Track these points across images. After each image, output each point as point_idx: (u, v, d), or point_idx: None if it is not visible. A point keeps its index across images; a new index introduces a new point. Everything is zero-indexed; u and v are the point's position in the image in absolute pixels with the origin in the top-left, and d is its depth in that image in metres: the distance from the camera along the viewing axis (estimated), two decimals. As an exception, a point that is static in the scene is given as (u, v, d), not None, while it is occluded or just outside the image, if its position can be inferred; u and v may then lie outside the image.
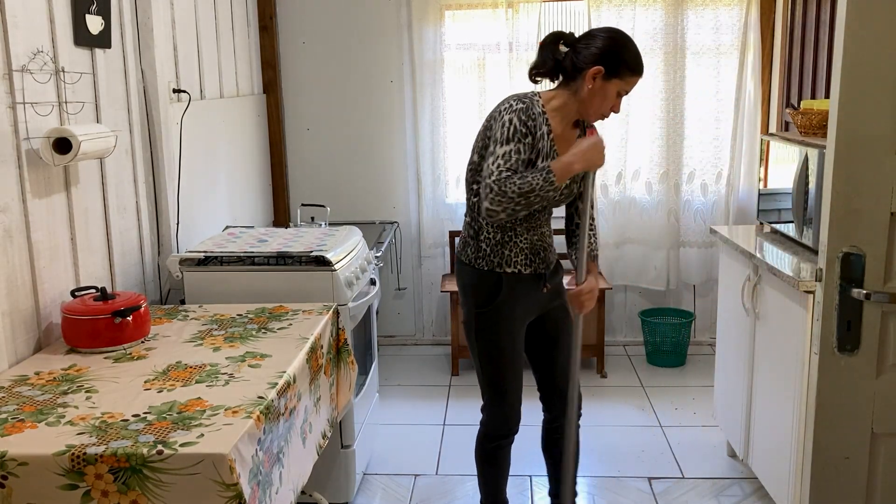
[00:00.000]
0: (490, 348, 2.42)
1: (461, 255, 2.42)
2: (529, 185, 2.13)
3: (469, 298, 2.41)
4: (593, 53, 2.22)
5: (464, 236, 2.42)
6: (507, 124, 2.19)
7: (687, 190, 4.39)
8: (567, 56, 2.28)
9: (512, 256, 2.34)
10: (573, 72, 2.27)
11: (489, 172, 2.16)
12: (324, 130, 4.52)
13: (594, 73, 2.22)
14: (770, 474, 2.76)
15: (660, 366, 4.32)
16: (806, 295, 2.38)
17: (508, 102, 2.26)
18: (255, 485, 1.70)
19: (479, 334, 2.41)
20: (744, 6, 4.18)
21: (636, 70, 2.25)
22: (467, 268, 2.39)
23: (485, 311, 2.37)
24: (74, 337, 2.19)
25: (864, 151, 1.83)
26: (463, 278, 2.43)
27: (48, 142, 2.19)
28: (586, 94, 2.25)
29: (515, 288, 2.36)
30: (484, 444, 2.56)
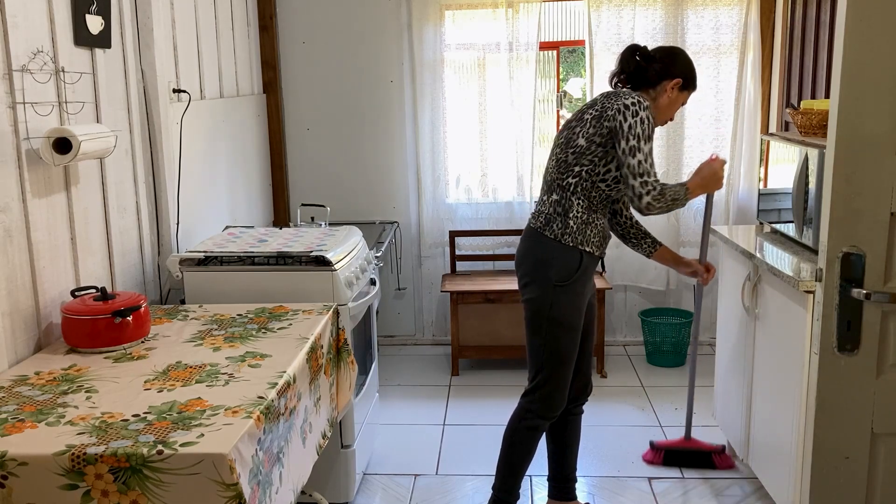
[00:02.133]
0: (562, 323, 2.53)
1: (544, 229, 2.53)
2: (676, 195, 2.45)
3: (550, 272, 2.51)
4: (672, 67, 2.55)
5: (548, 212, 2.53)
6: (645, 121, 2.40)
7: (687, 190, 4.39)
8: (649, 66, 2.56)
9: (591, 237, 2.52)
10: (654, 80, 2.56)
11: (645, 171, 2.39)
12: (324, 130, 4.52)
13: (674, 85, 2.55)
14: (770, 474, 2.76)
15: (660, 366, 4.32)
16: (806, 295, 2.38)
17: (634, 98, 2.43)
18: (255, 485, 1.70)
19: (553, 308, 2.52)
20: (744, 6, 4.18)
21: (696, 85, 2.63)
22: (553, 242, 2.50)
23: (564, 284, 2.50)
24: (74, 337, 2.19)
25: (864, 151, 1.83)
26: (544, 252, 2.52)
27: (48, 142, 2.19)
28: (665, 101, 2.57)
29: (589, 267, 2.55)
30: (521, 425, 2.63)
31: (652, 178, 2.40)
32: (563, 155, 2.52)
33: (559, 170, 2.53)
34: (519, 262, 2.63)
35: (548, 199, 2.55)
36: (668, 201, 2.43)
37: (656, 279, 4.47)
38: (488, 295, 4.18)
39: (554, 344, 2.54)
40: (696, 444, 3.27)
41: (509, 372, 4.26)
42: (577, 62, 7.38)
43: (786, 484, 2.58)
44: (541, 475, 3.19)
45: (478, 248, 4.56)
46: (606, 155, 2.44)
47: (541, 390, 2.58)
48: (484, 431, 3.60)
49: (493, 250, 4.56)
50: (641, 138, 2.39)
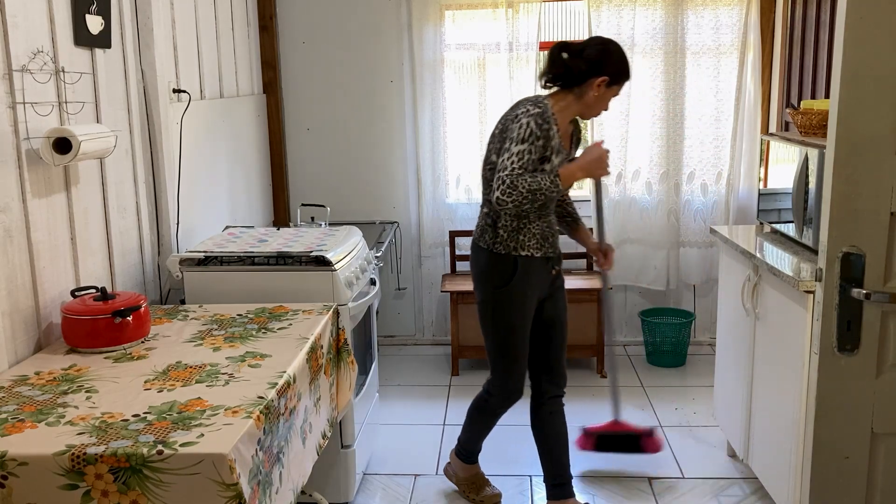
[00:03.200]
0: (505, 325, 2.69)
1: (479, 241, 2.70)
2: (538, 185, 2.46)
3: (487, 280, 2.69)
4: (599, 64, 2.56)
5: (481, 224, 2.69)
6: (524, 126, 2.48)
7: (687, 190, 4.39)
8: (575, 65, 2.58)
9: (526, 241, 2.63)
10: (579, 78, 2.58)
11: (503, 167, 2.47)
12: (324, 130, 4.52)
13: (601, 82, 2.57)
14: (770, 474, 2.76)
15: (660, 366, 4.32)
16: (806, 295, 2.38)
17: (525, 107, 2.54)
18: (255, 485, 1.70)
19: (495, 312, 2.69)
20: (744, 6, 4.18)
21: (629, 77, 2.65)
22: (485, 252, 2.67)
23: (502, 290, 2.65)
24: (74, 337, 2.19)
25: (864, 151, 1.83)
26: (480, 262, 2.71)
27: (48, 142, 2.19)
28: (591, 99, 2.59)
29: (528, 270, 2.65)
30: (486, 405, 2.88)
31: (505, 173, 2.45)
32: (484, 172, 2.67)
33: (484, 186, 2.67)
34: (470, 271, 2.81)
35: (481, 213, 2.71)
36: (521, 194, 2.44)
37: (656, 279, 4.48)
38: (488, 295, 4.17)
39: (502, 343, 2.73)
40: (625, 427, 3.20)
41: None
42: (577, 62, 7.38)
43: (786, 484, 2.58)
44: (541, 475, 3.19)
45: (478, 248, 4.56)
46: None
47: (496, 383, 2.81)
48: (484, 431, 3.60)
49: (493, 250, 4.55)
50: (515, 140, 2.48)
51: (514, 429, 3.59)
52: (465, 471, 3.05)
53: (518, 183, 2.44)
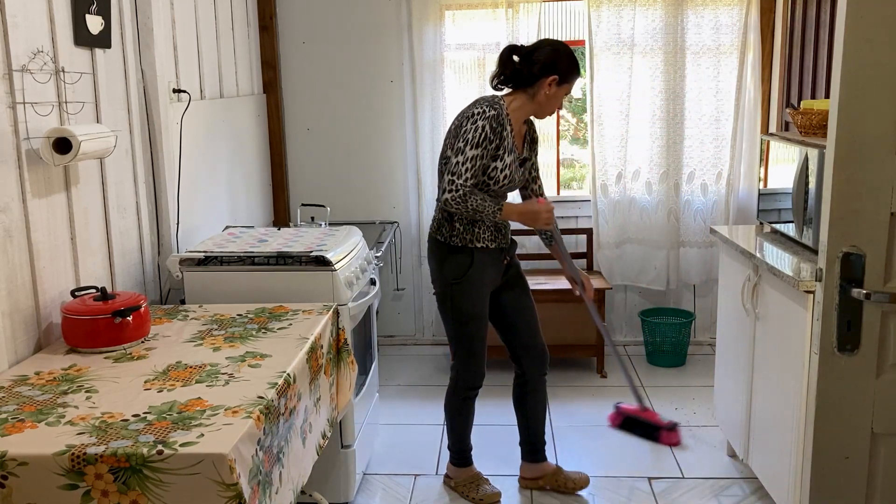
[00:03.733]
0: (463, 313, 2.83)
1: (436, 234, 2.82)
2: (483, 208, 2.63)
3: (445, 271, 2.81)
4: (549, 65, 2.67)
5: (438, 218, 2.82)
6: (479, 129, 2.61)
7: (687, 190, 4.39)
8: (525, 66, 2.70)
9: (481, 234, 2.78)
10: (530, 79, 2.70)
11: (457, 171, 2.60)
12: (324, 130, 4.52)
13: (550, 81, 2.69)
14: (770, 474, 2.76)
15: (660, 366, 4.32)
16: (806, 295, 2.38)
17: (481, 107, 2.65)
18: (255, 485, 1.70)
19: (454, 301, 2.82)
20: (744, 6, 4.18)
21: (578, 74, 2.77)
22: (443, 245, 2.80)
23: (459, 280, 2.79)
24: (74, 337, 2.19)
25: (864, 151, 1.83)
26: (438, 254, 2.83)
27: (48, 142, 2.19)
28: (543, 98, 2.72)
29: (484, 261, 2.80)
30: (455, 396, 2.99)
31: (460, 181, 2.60)
32: (440, 167, 2.78)
33: (439, 182, 2.76)
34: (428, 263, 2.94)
35: (437, 207, 2.83)
36: (468, 208, 2.62)
37: (656, 279, 4.48)
38: (488, 295, 4.17)
39: (460, 330, 2.87)
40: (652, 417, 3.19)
41: (509, 372, 4.23)
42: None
43: (786, 484, 2.58)
44: (541, 475, 3.20)
45: (478, 248, 4.56)
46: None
47: (458, 368, 2.94)
48: (483, 431, 3.59)
49: (493, 250, 4.55)
50: (469, 143, 2.61)
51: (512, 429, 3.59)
52: (461, 473, 3.08)
53: (468, 198, 2.60)
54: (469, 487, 3.03)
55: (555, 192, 4.72)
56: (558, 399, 3.90)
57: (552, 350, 4.16)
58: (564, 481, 3.06)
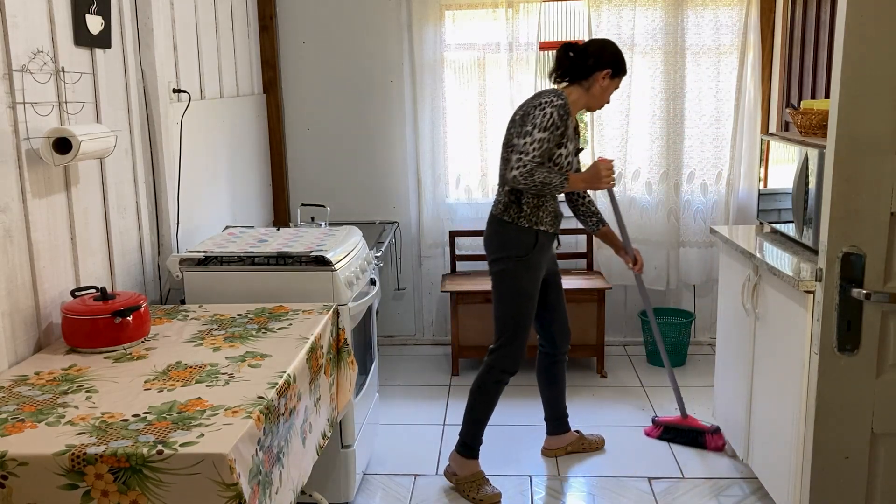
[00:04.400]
0: (521, 291, 2.98)
1: (503, 215, 2.96)
2: (550, 180, 2.79)
3: (511, 249, 2.96)
4: (603, 59, 2.91)
5: (504, 201, 2.96)
6: (548, 115, 2.79)
7: (687, 190, 4.39)
8: (581, 61, 2.92)
9: (543, 217, 2.95)
10: (586, 73, 2.92)
11: (525, 150, 2.77)
12: (324, 130, 4.52)
13: (604, 75, 2.92)
14: (770, 474, 2.76)
15: (660, 366, 4.32)
16: (806, 295, 2.39)
17: (549, 97, 2.84)
18: (255, 485, 1.70)
19: (515, 279, 2.97)
20: (744, 6, 4.18)
21: (626, 71, 3.00)
22: (510, 225, 2.95)
23: (522, 259, 2.95)
24: (74, 337, 2.19)
25: (864, 151, 1.83)
26: (503, 233, 2.97)
27: (48, 142, 2.19)
28: (597, 91, 2.95)
29: (544, 243, 2.99)
30: (488, 377, 3.05)
31: (527, 158, 2.76)
32: (505, 154, 2.94)
33: (504, 166, 2.94)
34: (486, 244, 3.06)
35: (503, 191, 2.98)
36: (534, 181, 2.77)
37: (656, 279, 4.47)
38: (488, 295, 4.14)
39: (515, 310, 2.99)
40: (693, 423, 3.45)
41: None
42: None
43: (786, 484, 2.58)
44: (540, 475, 3.20)
45: (478, 248, 4.55)
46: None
47: (504, 349, 3.01)
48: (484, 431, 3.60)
49: (493, 250, 4.55)
50: (538, 127, 2.79)
51: (514, 429, 3.59)
52: (466, 468, 3.08)
53: (535, 172, 2.76)
54: (470, 487, 3.04)
55: (555, 192, 4.72)
56: (558, 399, 3.90)
57: (552, 350, 4.18)
58: (589, 444, 3.37)
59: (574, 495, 3.08)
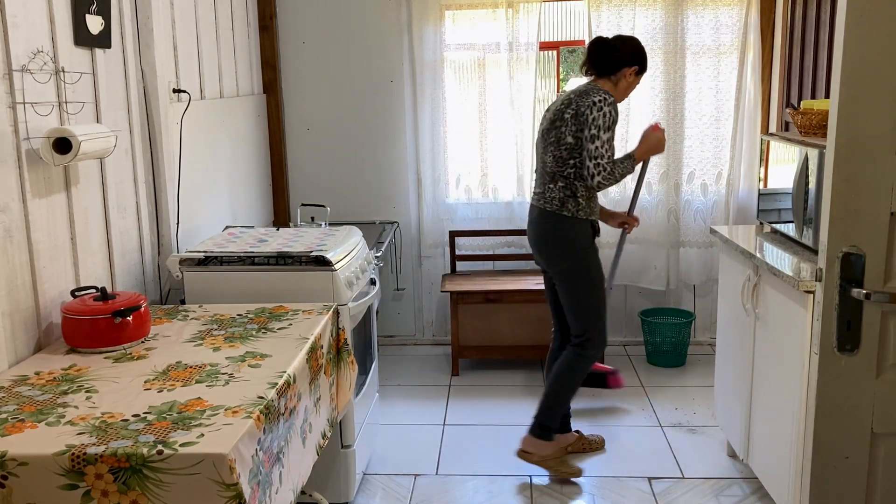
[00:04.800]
0: (595, 279, 3.12)
1: (561, 210, 3.04)
2: (624, 170, 2.99)
3: (576, 242, 3.06)
4: (632, 55, 3.04)
5: (560, 196, 3.03)
6: (607, 114, 2.92)
7: (687, 190, 4.39)
8: (611, 56, 3.04)
9: (594, 207, 3.11)
10: (615, 68, 3.05)
11: (600, 154, 2.92)
12: (324, 130, 4.52)
13: (632, 71, 3.06)
14: (770, 474, 2.76)
15: (660, 366, 4.32)
16: (806, 295, 2.38)
17: (600, 95, 2.94)
18: (255, 485, 1.70)
19: (588, 271, 3.09)
20: (744, 6, 4.18)
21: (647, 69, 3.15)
22: (571, 219, 3.04)
23: (588, 249, 3.08)
24: (74, 337, 2.19)
25: (864, 151, 1.83)
26: (566, 228, 3.05)
27: (48, 142, 2.19)
28: (624, 85, 3.08)
29: (596, 230, 3.14)
30: (582, 362, 3.16)
31: (604, 161, 2.93)
32: (557, 152, 3.01)
33: (557, 164, 3.02)
34: (544, 242, 3.13)
35: (555, 187, 3.04)
36: (617, 177, 2.97)
37: (656, 279, 4.47)
38: (488, 295, 4.18)
39: (592, 298, 3.11)
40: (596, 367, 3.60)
41: (509, 372, 4.26)
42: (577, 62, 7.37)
43: (786, 484, 2.58)
44: (541, 475, 3.20)
45: (478, 248, 4.56)
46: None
47: (593, 338, 3.13)
48: (484, 431, 3.60)
49: (493, 250, 4.56)
50: (602, 128, 2.91)
51: (514, 429, 3.59)
52: (546, 448, 3.18)
53: (615, 170, 2.95)
54: (555, 462, 3.17)
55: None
56: (558, 399, 3.90)
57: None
58: (589, 444, 3.38)
59: (574, 495, 3.08)
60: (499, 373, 4.28)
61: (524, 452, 3.17)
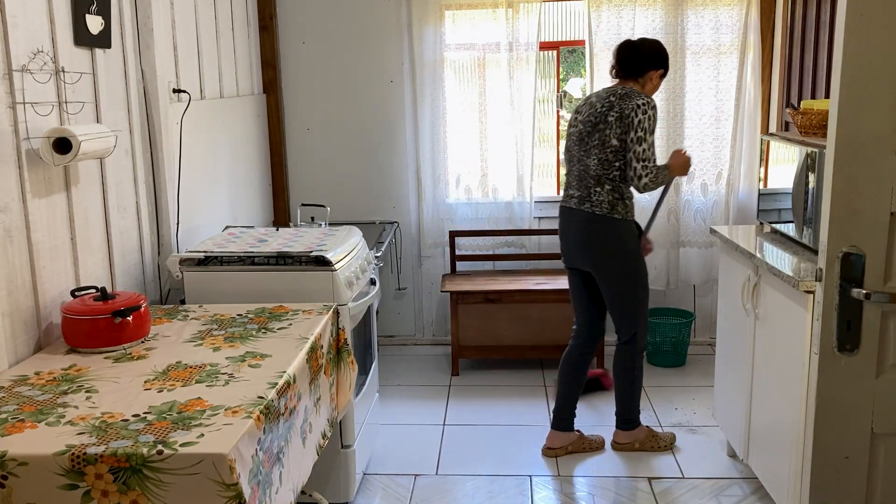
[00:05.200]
0: (643, 277, 3.25)
1: (612, 213, 3.11)
2: (664, 176, 3.10)
3: (626, 244, 3.16)
4: (658, 58, 3.15)
5: (609, 199, 3.11)
6: (651, 118, 3.03)
7: (687, 190, 4.39)
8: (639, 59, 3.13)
9: (633, 209, 3.20)
10: (642, 70, 3.13)
11: (647, 157, 3.02)
12: (324, 130, 4.52)
13: (658, 74, 3.17)
14: (770, 474, 2.76)
15: (660, 366, 4.32)
16: (806, 295, 2.38)
17: (642, 98, 3.04)
18: (255, 485, 1.70)
19: (637, 269, 3.21)
20: (744, 6, 4.18)
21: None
22: (620, 221, 3.13)
23: (636, 249, 3.20)
24: (74, 337, 2.19)
25: (864, 151, 1.83)
26: (619, 230, 3.14)
27: (48, 142, 2.20)
28: (650, 87, 3.17)
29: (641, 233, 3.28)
30: (637, 359, 3.30)
31: (651, 164, 3.02)
32: (602, 154, 3.08)
33: (603, 167, 3.09)
34: (590, 245, 3.19)
35: (602, 190, 3.11)
36: (658, 182, 3.07)
37: (656, 279, 4.47)
38: (488, 295, 4.18)
39: (641, 293, 3.24)
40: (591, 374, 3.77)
41: (509, 372, 4.26)
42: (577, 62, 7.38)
43: (786, 484, 2.58)
44: (541, 475, 3.20)
45: (478, 248, 4.56)
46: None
47: (639, 331, 3.26)
48: (484, 431, 3.60)
49: (493, 250, 4.56)
50: (648, 131, 3.01)
51: (514, 429, 3.59)
52: (637, 435, 3.37)
53: (658, 174, 3.05)
54: (653, 441, 3.36)
55: (555, 191, 4.72)
56: (558, 399, 3.91)
57: (551, 350, 4.18)
58: (590, 444, 3.41)
59: (574, 495, 3.08)
60: (499, 373, 4.28)
61: (619, 444, 3.38)
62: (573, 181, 3.21)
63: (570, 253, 3.29)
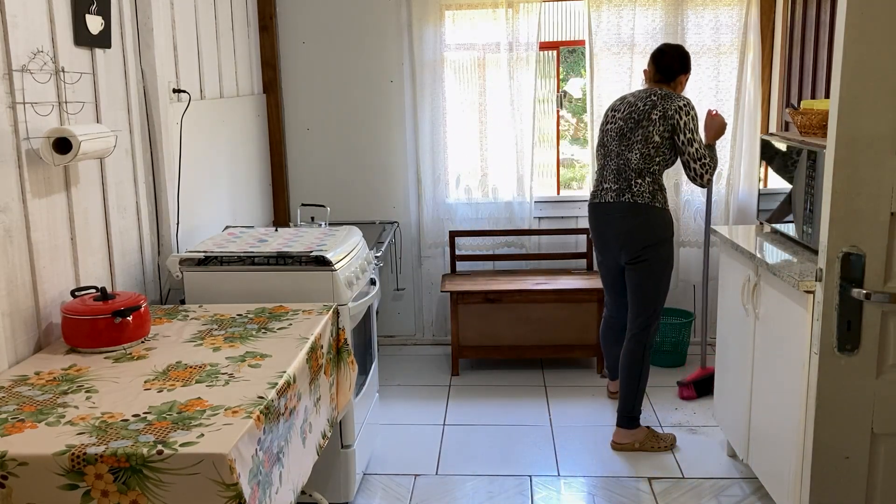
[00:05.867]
0: (671, 268, 3.37)
1: (652, 202, 3.26)
2: (714, 158, 3.29)
3: (666, 232, 3.29)
4: (686, 63, 3.37)
5: (651, 191, 3.26)
6: (695, 118, 3.23)
7: (687, 190, 4.39)
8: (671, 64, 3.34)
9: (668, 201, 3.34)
10: (674, 75, 3.34)
11: (702, 154, 3.20)
12: (324, 130, 4.52)
13: (686, 78, 3.39)
14: (770, 474, 2.76)
15: (660, 366, 4.32)
16: (806, 295, 2.38)
17: (682, 100, 3.24)
18: (255, 485, 1.70)
19: (669, 257, 3.33)
20: (744, 6, 4.18)
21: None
22: (661, 210, 3.28)
23: (672, 237, 3.34)
24: (74, 337, 2.19)
25: (864, 151, 1.83)
26: (660, 218, 3.28)
27: (48, 142, 2.20)
28: (679, 89, 3.37)
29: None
30: (646, 352, 3.38)
31: (706, 160, 3.20)
32: (645, 150, 3.23)
33: (645, 161, 3.24)
34: (633, 234, 3.28)
35: (643, 182, 3.25)
36: (714, 168, 3.24)
37: (656, 279, 4.47)
38: (488, 295, 4.18)
39: (665, 282, 3.36)
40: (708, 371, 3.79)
41: (509, 372, 4.26)
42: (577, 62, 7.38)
43: (786, 484, 2.58)
44: (541, 475, 3.20)
45: (478, 248, 4.56)
46: (672, 146, 3.23)
47: (653, 323, 3.36)
48: (484, 431, 3.60)
49: (493, 250, 4.56)
50: (695, 131, 3.21)
51: (514, 429, 3.59)
52: (640, 432, 3.41)
53: (712, 162, 3.23)
54: (653, 441, 3.39)
55: (555, 191, 4.72)
56: (558, 399, 3.91)
57: (552, 350, 4.18)
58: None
59: (574, 495, 3.08)
60: (499, 373, 4.28)
61: (618, 444, 3.39)
62: (610, 175, 3.32)
63: (607, 246, 3.40)
